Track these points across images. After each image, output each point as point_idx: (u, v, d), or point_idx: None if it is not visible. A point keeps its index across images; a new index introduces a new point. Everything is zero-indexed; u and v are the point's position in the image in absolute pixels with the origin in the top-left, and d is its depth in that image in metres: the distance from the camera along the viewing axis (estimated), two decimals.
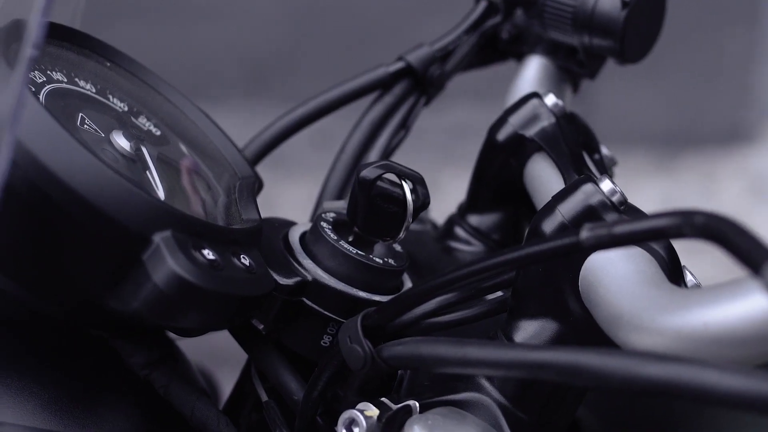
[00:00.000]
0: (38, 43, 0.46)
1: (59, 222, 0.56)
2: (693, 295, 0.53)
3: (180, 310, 0.57)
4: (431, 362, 0.56)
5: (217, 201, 0.66)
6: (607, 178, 0.61)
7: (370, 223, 0.65)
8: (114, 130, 0.63)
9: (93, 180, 0.55)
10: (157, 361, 0.65)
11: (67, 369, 0.65)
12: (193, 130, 0.70)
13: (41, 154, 0.55)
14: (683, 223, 0.48)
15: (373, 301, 0.65)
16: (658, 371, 0.48)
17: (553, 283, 0.60)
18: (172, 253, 0.56)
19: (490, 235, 0.77)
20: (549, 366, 0.51)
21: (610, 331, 0.56)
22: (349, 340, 0.59)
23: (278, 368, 0.66)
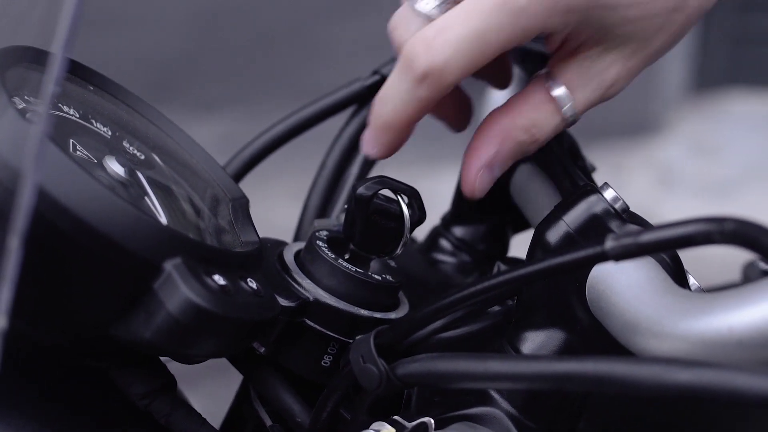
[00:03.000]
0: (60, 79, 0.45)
1: (67, 253, 0.54)
2: (716, 299, 0.53)
3: (195, 337, 0.56)
4: (451, 378, 0.56)
5: (209, 224, 0.65)
6: (609, 186, 0.61)
7: (367, 240, 0.65)
8: (106, 155, 0.61)
9: (102, 208, 0.54)
10: (157, 390, 0.63)
11: (65, 402, 0.63)
12: (177, 152, 0.69)
13: (47, 183, 0.53)
14: (713, 230, 0.49)
15: (374, 318, 0.64)
16: (688, 377, 0.48)
17: (560, 292, 0.61)
18: (185, 280, 0.55)
19: (476, 246, 0.77)
20: (576, 377, 0.52)
21: (626, 338, 0.57)
22: (362, 360, 0.59)
23: (280, 391, 0.65)
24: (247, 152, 0.75)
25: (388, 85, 0.61)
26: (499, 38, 0.58)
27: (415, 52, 0.58)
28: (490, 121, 0.63)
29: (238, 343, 0.60)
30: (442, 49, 0.58)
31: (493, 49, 0.58)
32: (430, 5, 0.61)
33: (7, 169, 0.53)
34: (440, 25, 0.58)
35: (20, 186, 0.49)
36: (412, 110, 0.60)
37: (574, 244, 0.60)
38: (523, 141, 0.62)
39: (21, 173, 0.53)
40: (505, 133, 0.62)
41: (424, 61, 0.58)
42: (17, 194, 0.52)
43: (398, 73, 0.60)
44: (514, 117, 0.62)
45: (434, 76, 0.58)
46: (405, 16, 0.62)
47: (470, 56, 0.58)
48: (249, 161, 0.75)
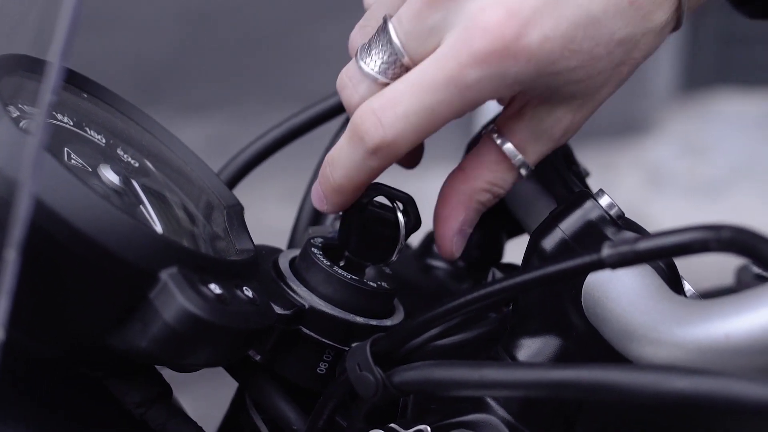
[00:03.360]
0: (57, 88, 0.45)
1: (63, 262, 0.54)
2: (712, 306, 0.53)
3: (191, 347, 0.56)
4: (447, 386, 0.56)
5: (203, 231, 0.65)
6: (605, 192, 0.61)
7: (362, 247, 0.65)
8: (101, 164, 0.61)
9: (97, 218, 0.54)
10: (153, 399, 0.63)
11: (61, 411, 0.63)
12: (171, 159, 0.68)
13: (42, 192, 0.53)
14: (710, 238, 0.49)
15: (369, 325, 0.64)
16: (686, 384, 0.48)
17: (555, 299, 0.61)
18: (181, 289, 0.55)
19: (470, 251, 0.77)
20: (574, 384, 0.52)
21: (621, 345, 0.57)
22: (359, 368, 0.59)
23: (276, 399, 0.65)
24: (240, 159, 0.75)
25: (339, 150, 0.62)
26: (449, 112, 0.59)
27: (366, 127, 0.59)
28: (452, 190, 0.64)
29: (234, 352, 0.60)
30: (393, 124, 0.59)
31: (442, 122, 0.60)
32: (376, 66, 0.61)
33: (1, 178, 0.53)
34: (390, 96, 0.59)
35: (16, 196, 0.48)
36: (363, 177, 0.62)
37: (569, 251, 0.60)
38: (486, 200, 0.64)
39: (16, 182, 0.52)
40: (468, 199, 0.64)
41: (376, 136, 0.59)
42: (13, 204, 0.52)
43: (349, 143, 0.61)
44: (473, 182, 0.63)
45: (385, 150, 0.60)
46: (353, 76, 0.62)
47: (420, 130, 0.59)
48: (243, 168, 0.75)
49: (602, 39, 0.58)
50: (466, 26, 0.57)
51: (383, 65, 0.60)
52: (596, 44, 0.58)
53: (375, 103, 0.59)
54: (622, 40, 0.59)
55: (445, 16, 0.58)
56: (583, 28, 0.57)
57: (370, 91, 0.61)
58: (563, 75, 0.59)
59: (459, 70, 0.57)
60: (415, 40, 0.59)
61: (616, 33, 0.58)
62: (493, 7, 0.57)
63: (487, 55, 0.57)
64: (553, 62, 0.58)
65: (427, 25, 0.59)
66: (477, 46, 0.57)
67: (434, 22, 0.58)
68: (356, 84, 0.61)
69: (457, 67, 0.57)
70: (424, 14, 0.58)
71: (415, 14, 0.59)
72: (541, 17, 0.57)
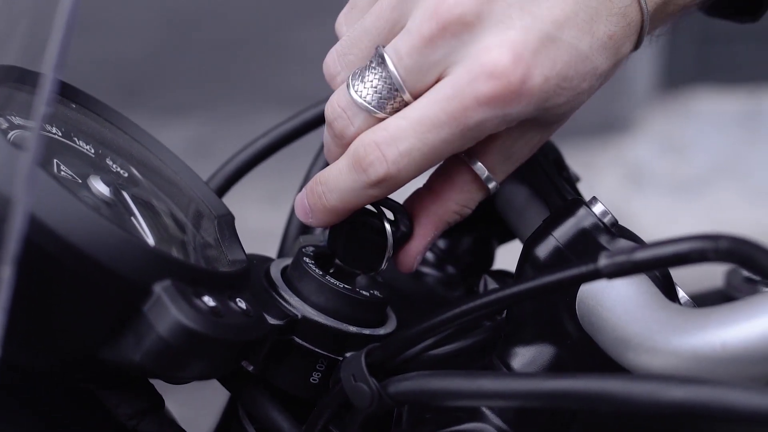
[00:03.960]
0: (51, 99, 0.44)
1: (55, 276, 0.53)
2: (708, 315, 0.53)
3: (185, 360, 0.55)
4: (443, 396, 0.56)
5: (194, 241, 0.65)
6: (598, 200, 0.61)
7: (351, 255, 0.65)
8: (91, 175, 0.60)
9: (89, 231, 0.53)
10: (145, 411, 0.63)
11: (53, 423, 0.63)
12: (160, 168, 0.68)
13: (33, 206, 0.53)
14: (708, 248, 0.49)
15: (362, 335, 0.64)
16: (683, 394, 0.48)
17: (550, 308, 0.61)
18: (175, 302, 0.54)
19: (461, 258, 0.76)
20: (570, 395, 0.51)
21: (617, 353, 0.57)
22: (354, 378, 0.58)
23: (269, 409, 0.64)
24: (229, 167, 0.75)
25: (337, 175, 0.62)
26: (450, 149, 0.60)
27: (370, 160, 0.60)
28: (421, 209, 0.65)
29: (227, 364, 0.60)
30: (397, 161, 0.59)
31: (443, 158, 0.61)
32: (372, 100, 0.60)
33: None
34: (393, 132, 0.59)
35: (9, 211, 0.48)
36: (359, 203, 0.63)
37: (563, 259, 0.60)
38: (453, 221, 0.65)
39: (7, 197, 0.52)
40: (439, 220, 0.64)
41: (380, 170, 0.60)
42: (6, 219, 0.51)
43: (350, 171, 0.61)
44: (444, 203, 0.64)
45: (387, 183, 0.60)
46: (347, 108, 0.61)
47: (422, 165, 0.60)
48: (231, 176, 0.75)
49: (588, 74, 0.59)
50: (470, 67, 0.57)
51: (381, 100, 0.60)
52: (583, 79, 0.59)
53: (378, 137, 0.60)
54: (603, 73, 0.60)
55: (448, 53, 0.58)
56: (574, 66, 0.59)
57: (366, 124, 0.61)
58: (551, 109, 0.60)
59: (462, 111, 0.58)
60: (415, 75, 0.59)
61: (599, 67, 0.60)
62: (497, 49, 0.57)
63: (492, 98, 0.57)
64: (547, 100, 0.59)
65: (429, 62, 0.58)
66: (482, 90, 0.57)
67: (436, 59, 0.58)
68: (351, 117, 0.61)
69: (461, 108, 0.58)
70: (426, 51, 0.58)
71: (415, 50, 0.58)
72: (541, 59, 0.57)
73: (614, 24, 0.59)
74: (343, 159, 0.62)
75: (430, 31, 0.58)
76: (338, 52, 0.63)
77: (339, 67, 0.63)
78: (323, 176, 0.63)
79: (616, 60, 0.61)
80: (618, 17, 0.59)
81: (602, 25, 0.59)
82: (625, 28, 0.60)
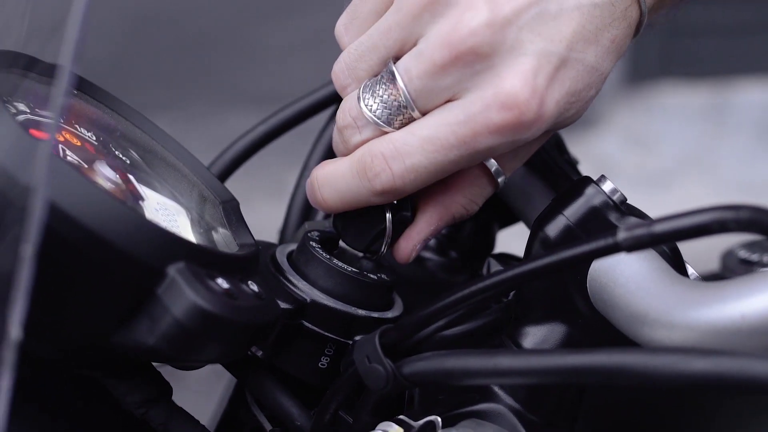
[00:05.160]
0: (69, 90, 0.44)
1: (68, 260, 0.53)
2: (726, 287, 0.53)
3: (200, 343, 0.55)
4: (460, 375, 0.56)
5: (200, 226, 0.64)
6: (607, 178, 0.61)
7: (352, 235, 0.64)
8: (97, 160, 0.60)
9: (104, 214, 0.52)
10: (153, 399, 0.62)
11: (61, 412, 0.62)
12: (162, 155, 0.67)
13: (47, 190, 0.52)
14: (729, 218, 0.49)
15: (371, 318, 0.64)
16: (705, 365, 0.48)
17: (560, 286, 0.60)
18: (190, 284, 0.54)
19: (463, 242, 0.76)
20: (591, 369, 0.51)
21: (632, 330, 0.57)
22: (368, 360, 0.58)
23: (277, 394, 0.64)
24: (228, 154, 0.74)
25: (339, 178, 0.62)
26: (455, 168, 0.61)
27: (375, 168, 0.60)
28: (429, 199, 0.64)
29: (240, 347, 0.59)
30: (402, 175, 0.60)
31: (447, 174, 0.61)
32: (382, 115, 0.61)
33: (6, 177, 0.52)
34: (400, 147, 0.60)
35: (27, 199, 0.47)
36: (359, 205, 0.63)
37: (574, 238, 0.60)
38: (459, 215, 0.65)
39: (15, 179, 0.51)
40: (444, 210, 0.64)
41: (385, 182, 0.60)
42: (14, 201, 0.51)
43: (354, 176, 0.62)
44: (453, 194, 0.64)
45: (390, 194, 0.61)
46: (357, 118, 0.61)
47: (427, 181, 0.61)
48: (231, 163, 0.74)
49: (595, 82, 0.61)
50: (483, 95, 0.58)
51: (390, 115, 0.60)
52: (591, 88, 0.61)
53: (385, 150, 0.60)
54: (608, 75, 0.62)
55: (460, 79, 0.58)
56: (582, 79, 0.60)
57: (374, 135, 0.61)
58: (561, 123, 0.61)
59: (473, 136, 0.58)
60: (425, 96, 0.59)
61: (604, 72, 0.61)
62: (510, 80, 0.57)
63: (504, 128, 0.58)
64: (558, 117, 0.60)
65: (440, 86, 0.59)
66: (495, 120, 0.58)
67: (448, 84, 0.58)
68: (361, 127, 0.61)
69: (471, 133, 0.58)
70: (438, 76, 0.58)
71: (427, 73, 0.59)
72: (553, 84, 0.58)
73: (616, 28, 0.60)
74: (347, 162, 0.62)
75: (443, 59, 0.58)
76: (347, 65, 0.63)
77: (349, 80, 0.63)
78: (322, 174, 0.63)
79: (618, 58, 0.62)
80: (620, 20, 0.60)
81: (606, 31, 0.60)
82: (626, 29, 0.61)
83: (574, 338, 0.61)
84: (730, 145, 3.24)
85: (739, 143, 3.25)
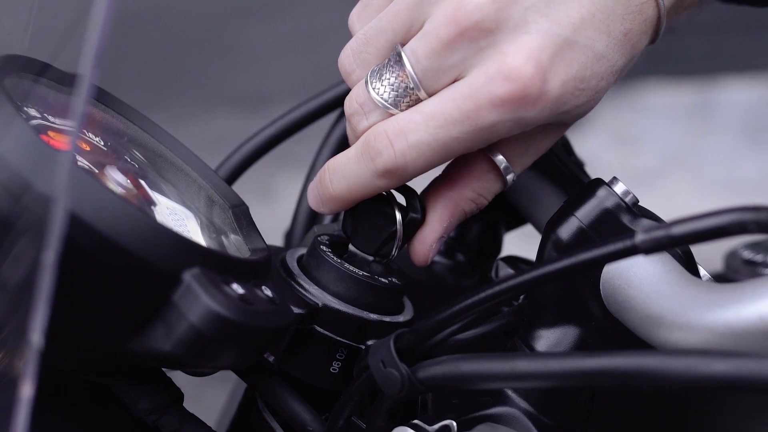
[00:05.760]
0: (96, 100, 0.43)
1: (84, 267, 0.52)
2: (742, 288, 0.53)
3: (216, 349, 0.55)
4: (476, 379, 0.55)
5: (210, 231, 0.64)
6: (618, 180, 0.61)
7: (362, 237, 0.64)
8: (107, 165, 0.59)
9: (118, 220, 0.52)
10: (165, 405, 0.62)
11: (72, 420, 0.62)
12: (171, 159, 0.67)
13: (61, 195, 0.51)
14: (749, 220, 0.49)
15: (383, 322, 0.64)
16: (725, 367, 0.48)
17: (573, 289, 0.60)
18: (206, 290, 0.53)
19: (471, 245, 0.76)
20: (609, 372, 0.51)
21: (647, 332, 0.57)
22: (383, 365, 0.58)
23: (289, 400, 0.63)
24: (235, 158, 0.74)
25: (345, 164, 0.62)
26: (460, 147, 0.60)
27: (378, 147, 0.60)
28: (437, 195, 0.64)
29: (255, 353, 0.59)
30: (405, 152, 0.60)
31: (453, 155, 0.61)
32: (389, 97, 0.61)
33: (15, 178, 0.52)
34: (403, 125, 0.60)
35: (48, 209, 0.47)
36: (366, 193, 0.63)
37: (587, 240, 0.60)
38: (470, 210, 0.65)
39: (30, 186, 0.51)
40: (455, 206, 0.64)
41: (389, 159, 0.60)
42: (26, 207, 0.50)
43: (359, 159, 0.62)
44: (461, 189, 0.64)
45: (395, 174, 0.61)
46: (364, 104, 0.62)
47: (430, 160, 0.60)
48: (238, 167, 0.74)
49: (606, 73, 0.60)
50: (487, 70, 0.58)
51: (397, 98, 0.61)
52: (601, 79, 0.60)
53: (389, 128, 0.60)
54: (620, 70, 0.61)
55: (465, 57, 0.58)
56: (591, 66, 0.59)
57: (381, 119, 0.61)
58: (571, 112, 0.61)
59: (476, 111, 0.58)
60: (432, 76, 0.60)
61: (615, 65, 0.60)
62: (514, 54, 0.58)
63: (507, 101, 0.58)
64: (566, 103, 0.59)
65: (446, 65, 0.59)
66: (497, 92, 0.58)
67: (453, 62, 0.59)
68: (368, 112, 0.61)
69: (475, 108, 0.58)
70: (443, 54, 0.59)
71: (433, 53, 0.59)
72: (558, 63, 0.58)
73: (630, 21, 0.60)
74: (353, 147, 0.62)
75: (448, 36, 0.58)
76: (353, 50, 0.63)
77: (354, 65, 0.63)
78: (332, 163, 0.63)
79: (632, 55, 0.61)
80: (634, 15, 0.60)
81: (618, 23, 0.59)
82: (642, 24, 0.60)
83: (587, 340, 0.61)
84: (715, 144, 3.25)
85: (724, 142, 3.26)
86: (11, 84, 0.59)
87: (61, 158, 0.51)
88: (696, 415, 0.75)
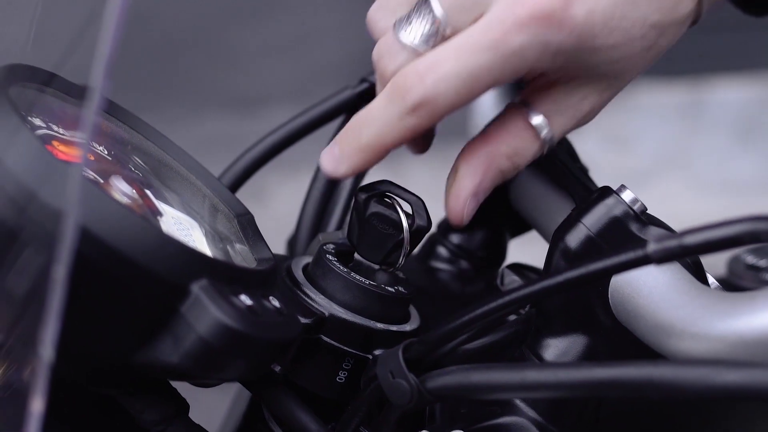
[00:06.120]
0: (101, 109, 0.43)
1: (91, 279, 0.52)
2: (753, 298, 0.53)
3: (224, 360, 0.54)
4: (485, 389, 0.55)
5: (215, 240, 0.63)
6: (626, 188, 0.61)
7: (367, 246, 0.64)
8: (112, 175, 0.59)
9: (126, 231, 0.52)
10: (171, 416, 0.61)
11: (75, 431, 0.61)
12: (175, 168, 0.66)
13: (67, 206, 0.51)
14: (762, 229, 0.48)
15: (390, 331, 0.63)
16: (738, 377, 0.48)
17: (582, 298, 0.60)
18: (214, 301, 0.53)
19: (475, 252, 0.76)
20: (620, 382, 0.51)
21: (657, 341, 0.56)
22: (392, 375, 0.57)
23: (296, 410, 0.63)
24: (239, 165, 0.74)
25: (374, 109, 0.61)
26: (490, 77, 0.59)
27: (408, 84, 0.59)
28: (472, 151, 0.63)
29: (263, 364, 0.58)
30: (435, 84, 0.59)
31: (483, 88, 0.60)
32: (415, 38, 0.61)
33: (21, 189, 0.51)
34: (432, 59, 0.59)
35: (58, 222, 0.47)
36: (397, 137, 0.61)
37: (595, 248, 0.60)
38: (505, 169, 0.63)
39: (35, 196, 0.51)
40: (488, 162, 0.63)
41: (419, 93, 0.59)
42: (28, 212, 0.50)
43: (387, 100, 0.61)
44: (496, 145, 0.63)
45: (426, 108, 0.59)
46: (390, 47, 0.62)
47: (461, 92, 0.59)
48: (241, 175, 0.74)
49: (637, 20, 0.59)
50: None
51: (424, 37, 0.61)
52: (632, 24, 0.59)
53: (419, 65, 0.59)
54: (654, 24, 0.60)
55: None
56: (621, 7, 0.59)
57: (408, 61, 0.61)
58: (602, 52, 0.60)
59: (503, 35, 0.58)
60: (458, 12, 0.60)
61: (648, 17, 0.60)
62: None
63: (533, 20, 0.57)
64: (595, 36, 0.59)
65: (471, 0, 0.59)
66: (522, 12, 0.57)
67: None
68: (395, 54, 0.61)
69: (501, 32, 0.58)
70: None
71: None
72: None
73: None
74: (382, 93, 0.61)
75: None
76: (381, 4, 0.64)
77: (380, 13, 0.64)
78: (360, 115, 0.62)
79: (671, 19, 0.61)
80: None
81: None
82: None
83: (596, 350, 0.61)
84: (708, 144, 3.25)
85: (715, 141, 3.26)
86: (16, 93, 0.58)
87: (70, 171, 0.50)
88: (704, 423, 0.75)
